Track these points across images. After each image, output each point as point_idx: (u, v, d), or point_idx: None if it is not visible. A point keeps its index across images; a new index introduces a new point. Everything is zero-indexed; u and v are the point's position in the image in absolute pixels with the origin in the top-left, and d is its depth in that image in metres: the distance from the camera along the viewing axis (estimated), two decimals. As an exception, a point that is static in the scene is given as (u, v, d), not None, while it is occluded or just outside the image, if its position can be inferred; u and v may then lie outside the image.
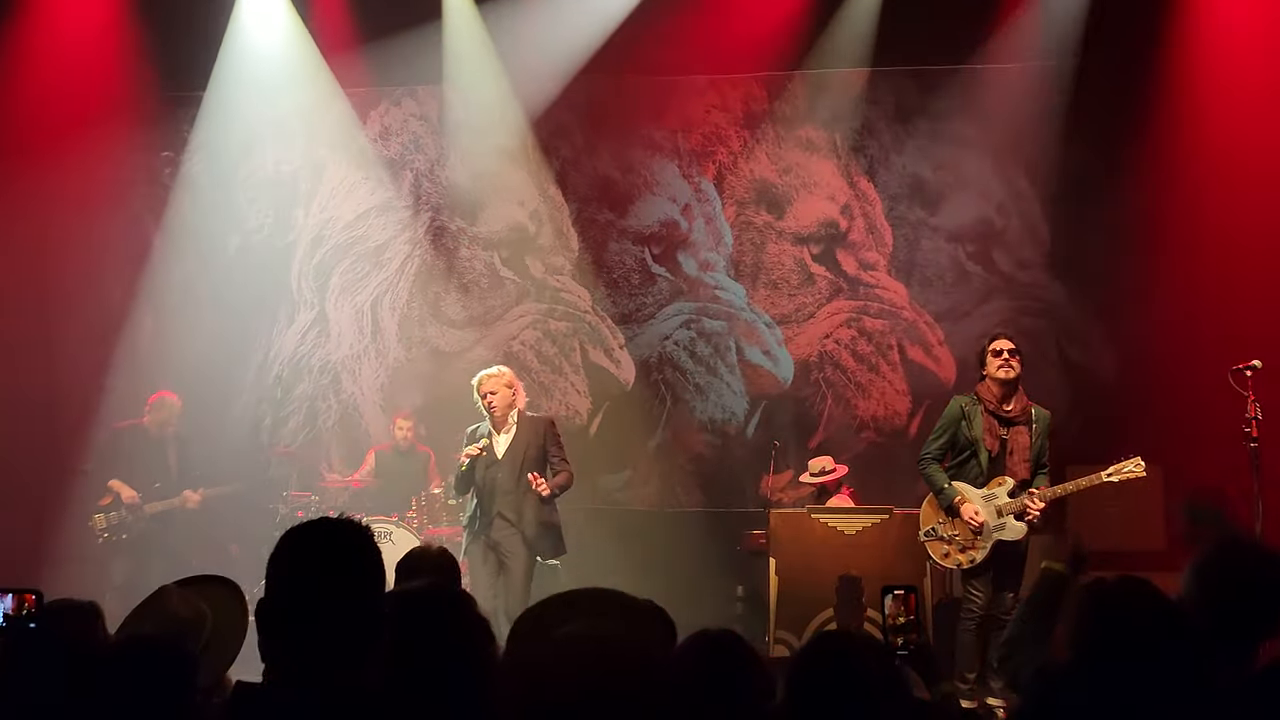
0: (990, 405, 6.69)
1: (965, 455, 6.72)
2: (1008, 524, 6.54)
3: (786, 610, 7.73)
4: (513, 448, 7.21)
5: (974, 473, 6.69)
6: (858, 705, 2.49)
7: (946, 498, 6.63)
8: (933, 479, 6.75)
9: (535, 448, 7.22)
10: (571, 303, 10.40)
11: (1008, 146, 9.77)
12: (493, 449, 7.23)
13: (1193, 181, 9.23)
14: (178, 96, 10.49)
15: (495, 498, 7.15)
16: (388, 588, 2.56)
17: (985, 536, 6.54)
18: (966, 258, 9.93)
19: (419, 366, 10.50)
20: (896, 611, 3.26)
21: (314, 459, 10.25)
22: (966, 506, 6.57)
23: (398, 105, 10.72)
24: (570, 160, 10.44)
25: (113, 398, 10.08)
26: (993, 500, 6.59)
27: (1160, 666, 2.57)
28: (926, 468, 6.80)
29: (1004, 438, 6.65)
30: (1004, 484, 6.60)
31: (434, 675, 2.52)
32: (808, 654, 2.64)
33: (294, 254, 10.70)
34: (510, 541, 7.09)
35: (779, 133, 10.20)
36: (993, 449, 6.64)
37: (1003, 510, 6.55)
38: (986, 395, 6.72)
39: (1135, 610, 2.69)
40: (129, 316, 10.46)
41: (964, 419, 6.73)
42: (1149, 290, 9.38)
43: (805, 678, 2.57)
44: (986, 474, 6.66)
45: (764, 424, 9.97)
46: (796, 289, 10.16)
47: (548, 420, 7.50)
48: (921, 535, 6.80)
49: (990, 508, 6.58)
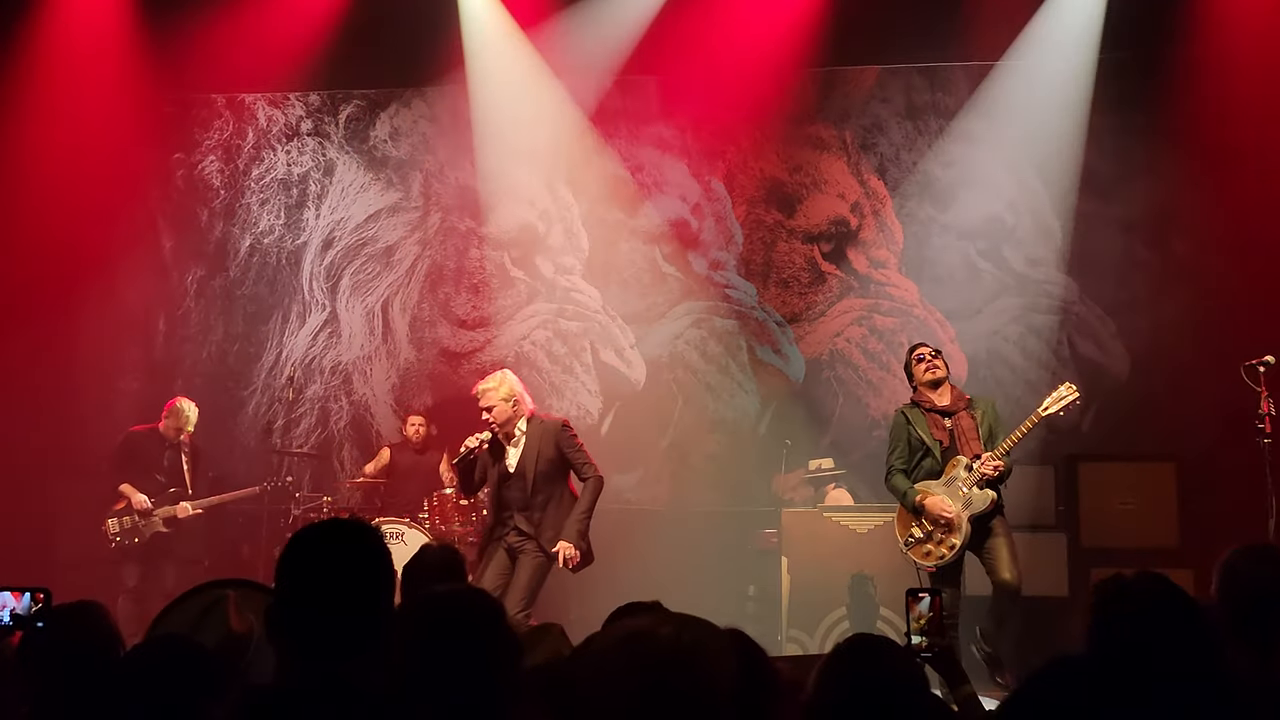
0: (928, 405, 6.75)
1: (920, 455, 6.76)
2: (973, 496, 6.54)
3: (799, 609, 7.72)
4: (523, 461, 6.76)
5: (933, 469, 6.72)
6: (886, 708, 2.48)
7: (910, 499, 6.67)
8: (896, 487, 6.79)
9: (546, 458, 6.73)
10: (582, 302, 10.40)
11: (1018, 143, 9.74)
12: (504, 463, 6.80)
13: (1205, 176, 9.20)
14: (188, 98, 10.52)
15: (511, 512, 6.77)
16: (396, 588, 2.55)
17: (957, 519, 6.53)
18: (977, 255, 9.90)
19: (430, 367, 10.51)
20: (921, 614, 3.25)
21: (326, 460, 10.27)
22: (930, 499, 6.58)
23: (407, 106, 10.74)
24: (579, 160, 10.44)
25: (126, 400, 10.11)
26: (953, 481, 6.59)
27: (1177, 662, 2.56)
28: (890, 479, 6.83)
29: (949, 428, 6.70)
30: (958, 464, 6.63)
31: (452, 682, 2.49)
32: (837, 657, 2.62)
33: (305, 255, 10.73)
34: (526, 544, 6.72)
35: (789, 131, 10.18)
36: (943, 440, 6.69)
37: (964, 484, 6.54)
38: (923, 400, 6.82)
39: (1152, 606, 2.68)
40: (142, 319, 10.49)
41: (909, 424, 6.80)
42: (1161, 286, 9.36)
43: (835, 681, 2.55)
44: (943, 464, 6.68)
45: (775, 423, 9.96)
46: (807, 287, 10.14)
47: (558, 423, 6.86)
48: (902, 547, 6.77)
49: (954, 489, 6.58)
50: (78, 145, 9.81)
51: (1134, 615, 2.67)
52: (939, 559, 6.58)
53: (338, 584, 2.38)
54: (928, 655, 3.22)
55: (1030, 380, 9.51)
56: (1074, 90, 9.51)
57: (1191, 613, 2.67)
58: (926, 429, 6.73)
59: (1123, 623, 2.67)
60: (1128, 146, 9.51)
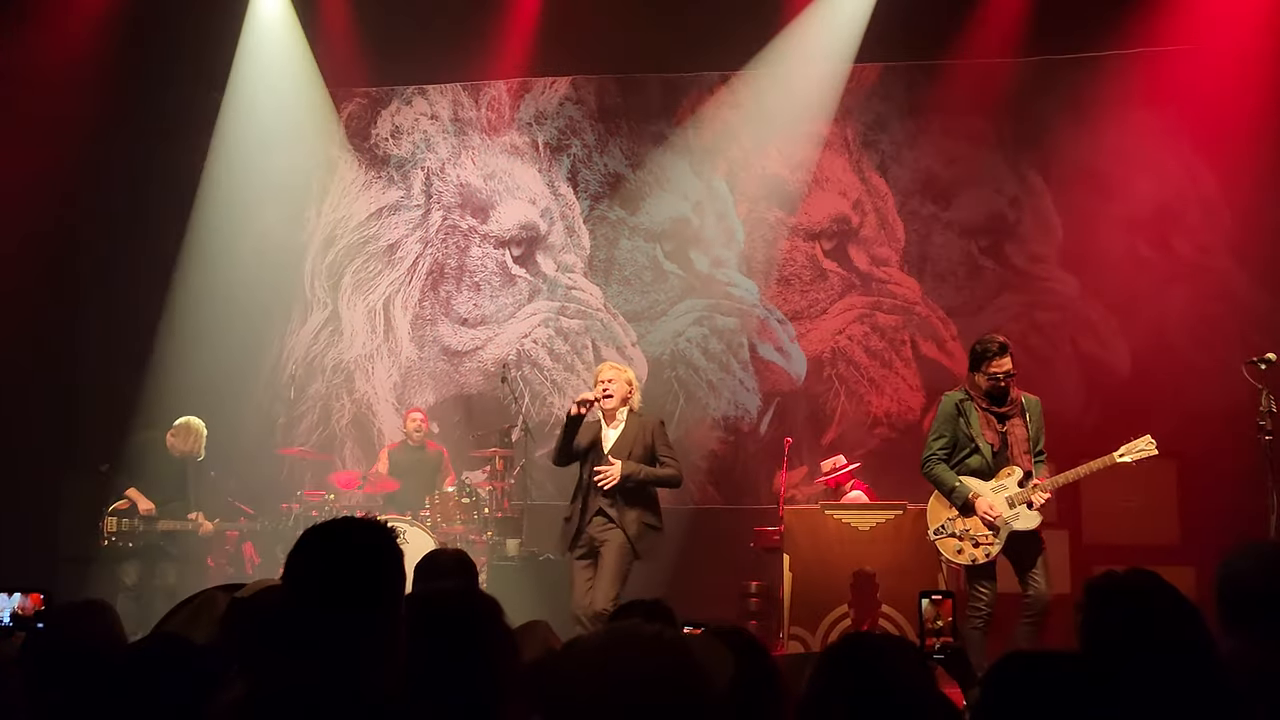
0: (983, 402, 6.64)
1: (966, 452, 6.63)
2: (1021, 513, 6.47)
3: (801, 607, 7.71)
4: (619, 444, 6.89)
5: (980, 467, 6.59)
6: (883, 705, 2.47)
7: (960, 495, 6.55)
8: (941, 479, 6.63)
9: (642, 445, 6.88)
10: (584, 300, 10.40)
11: (1019, 140, 9.75)
12: (601, 443, 6.92)
13: (1206, 173, 9.20)
14: (191, 95, 10.51)
15: (598, 495, 6.82)
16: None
17: (1001, 530, 6.49)
18: (979, 252, 9.89)
19: (431, 365, 10.52)
20: (933, 615, 3.26)
21: (328, 459, 10.27)
22: (981, 502, 6.49)
23: (409, 104, 10.75)
24: (581, 158, 10.45)
25: (128, 398, 10.11)
26: (1003, 491, 6.52)
27: (1169, 659, 2.56)
28: (933, 468, 6.66)
29: (1003, 432, 6.59)
30: (1012, 474, 6.52)
31: (452, 681, 2.50)
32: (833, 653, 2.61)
33: (306, 254, 10.73)
34: (608, 534, 6.77)
35: (790, 128, 10.17)
36: (994, 443, 6.56)
37: (1014, 500, 6.49)
38: (977, 392, 6.64)
39: (1143, 602, 2.68)
40: (142, 317, 10.49)
41: (960, 415, 6.66)
42: (1162, 283, 9.35)
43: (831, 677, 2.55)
44: (993, 468, 6.59)
45: (777, 420, 9.96)
46: (809, 285, 10.14)
47: (657, 420, 7.14)
48: (931, 534, 6.69)
49: (1001, 499, 6.51)
50: (76, 142, 9.80)
51: (1125, 611, 2.67)
52: (970, 560, 6.51)
53: (348, 583, 2.37)
54: (940, 657, 3.21)
55: (1031, 376, 9.52)
56: (1072, 86, 9.51)
57: (1182, 609, 2.67)
58: (979, 428, 6.57)
59: (1114, 619, 2.68)
60: (1129, 143, 9.50)
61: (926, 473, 6.72)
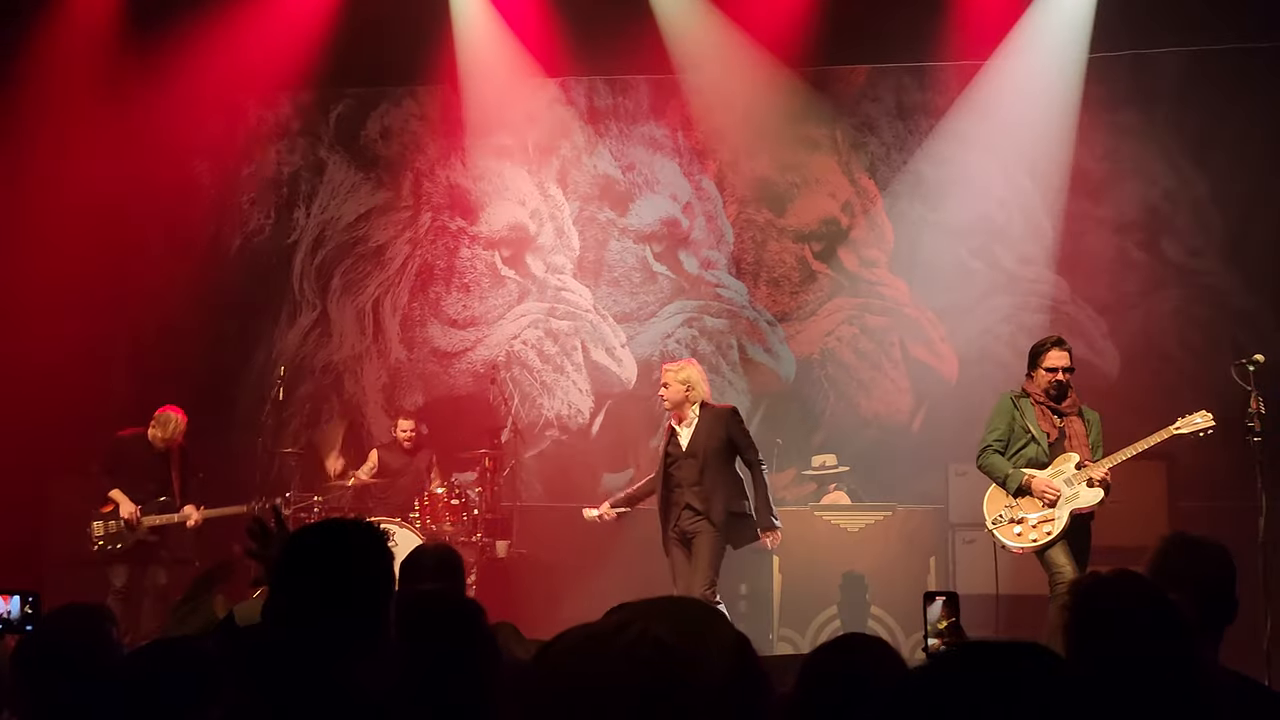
0: (1040, 399, 6.61)
1: (1022, 444, 6.57)
2: (1080, 491, 6.39)
3: (790, 608, 7.72)
4: (694, 441, 7.12)
5: (1037, 458, 6.52)
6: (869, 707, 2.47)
7: (1015, 480, 6.45)
8: (995, 468, 6.55)
9: (718, 438, 7.09)
10: (573, 301, 10.39)
11: (1009, 142, 9.75)
12: (676, 442, 7.18)
13: (1196, 176, 9.23)
14: (179, 97, 10.47)
15: (682, 489, 7.09)
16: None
17: (1060, 507, 6.42)
18: (968, 254, 9.90)
19: (421, 366, 10.50)
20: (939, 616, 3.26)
21: (316, 460, 10.24)
22: (1038, 481, 6.40)
23: (398, 105, 10.73)
24: (570, 159, 10.45)
25: (114, 399, 10.07)
26: (1060, 474, 6.46)
27: (1151, 658, 2.57)
28: (988, 458, 6.59)
29: (1060, 426, 6.54)
30: (1068, 459, 6.45)
31: (436, 682, 2.49)
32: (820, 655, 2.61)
33: (295, 254, 10.71)
34: (698, 525, 7.00)
35: (780, 130, 10.18)
36: (1050, 434, 6.50)
37: (1072, 480, 6.43)
38: (1035, 390, 6.62)
39: (1127, 602, 2.69)
40: (132, 318, 10.46)
41: (1016, 410, 6.61)
42: (1151, 286, 9.38)
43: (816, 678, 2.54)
44: (1049, 458, 6.52)
45: (766, 422, 9.96)
46: (798, 286, 10.15)
47: (729, 409, 7.31)
48: (989, 524, 6.56)
49: (1059, 480, 6.46)
50: (68, 146, 9.77)
51: (1109, 612, 2.68)
52: (1031, 542, 6.41)
53: (337, 583, 2.37)
54: None
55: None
56: (1064, 89, 9.52)
57: (1166, 609, 2.68)
58: (1035, 420, 6.53)
59: (1098, 620, 2.69)
60: (1118, 146, 9.53)
61: (981, 464, 6.66)
